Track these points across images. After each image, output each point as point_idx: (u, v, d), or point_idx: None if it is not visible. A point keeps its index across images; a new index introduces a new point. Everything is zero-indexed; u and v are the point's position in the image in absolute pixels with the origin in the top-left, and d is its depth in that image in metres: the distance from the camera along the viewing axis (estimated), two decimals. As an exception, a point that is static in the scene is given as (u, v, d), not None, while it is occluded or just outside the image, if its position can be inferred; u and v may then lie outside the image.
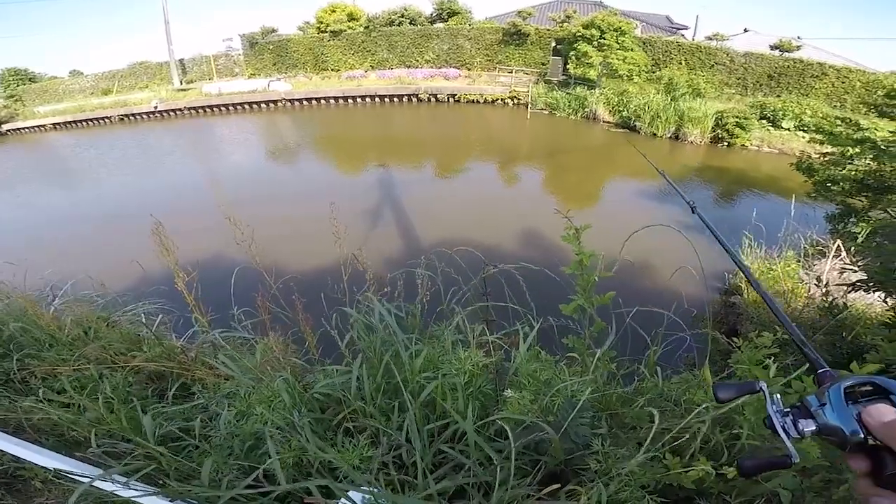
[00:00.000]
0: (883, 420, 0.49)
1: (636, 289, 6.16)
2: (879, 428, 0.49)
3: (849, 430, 0.51)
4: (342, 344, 1.86)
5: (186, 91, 26.04)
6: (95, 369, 2.28)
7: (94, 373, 2.24)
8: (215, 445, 1.72)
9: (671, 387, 1.66)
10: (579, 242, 1.63)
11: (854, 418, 0.51)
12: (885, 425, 0.49)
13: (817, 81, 20.52)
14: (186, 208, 11.37)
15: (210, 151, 18.55)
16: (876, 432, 0.49)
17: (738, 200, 12.83)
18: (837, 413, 0.53)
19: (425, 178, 14.55)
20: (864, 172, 7.59)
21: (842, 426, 0.52)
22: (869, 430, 0.50)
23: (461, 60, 26.59)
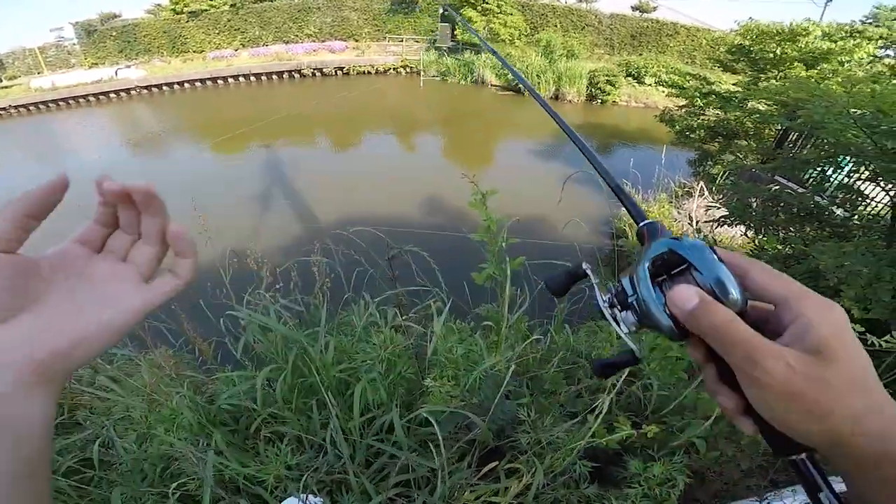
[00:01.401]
0: (686, 308, 0.40)
1: (537, 247, 6.46)
2: (685, 318, 0.40)
3: (664, 324, 0.41)
4: (237, 350, 1.69)
5: (8, 88, 21.48)
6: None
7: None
8: (122, 473, 1.52)
9: (579, 340, 1.74)
10: (486, 208, 1.60)
11: (663, 308, 0.41)
12: (688, 315, 0.39)
13: (671, 40, 22.71)
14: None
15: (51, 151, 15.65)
16: (687, 325, 0.40)
17: (615, 152, 13.94)
18: (651, 303, 0.42)
19: (317, 156, 13.83)
20: (715, 121, 8.60)
21: (659, 319, 0.42)
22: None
23: (348, 32, 25.34)
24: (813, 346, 0.37)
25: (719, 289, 0.39)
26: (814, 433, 0.37)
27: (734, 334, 0.38)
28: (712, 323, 0.39)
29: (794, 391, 0.36)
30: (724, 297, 0.39)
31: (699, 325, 0.39)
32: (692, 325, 0.40)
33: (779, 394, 0.37)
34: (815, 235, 3.83)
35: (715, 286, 0.40)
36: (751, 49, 9.31)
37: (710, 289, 0.40)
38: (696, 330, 0.40)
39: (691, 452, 1.50)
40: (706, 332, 0.39)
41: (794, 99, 4.11)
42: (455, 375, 1.40)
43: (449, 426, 1.25)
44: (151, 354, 1.82)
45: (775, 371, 0.36)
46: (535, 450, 1.27)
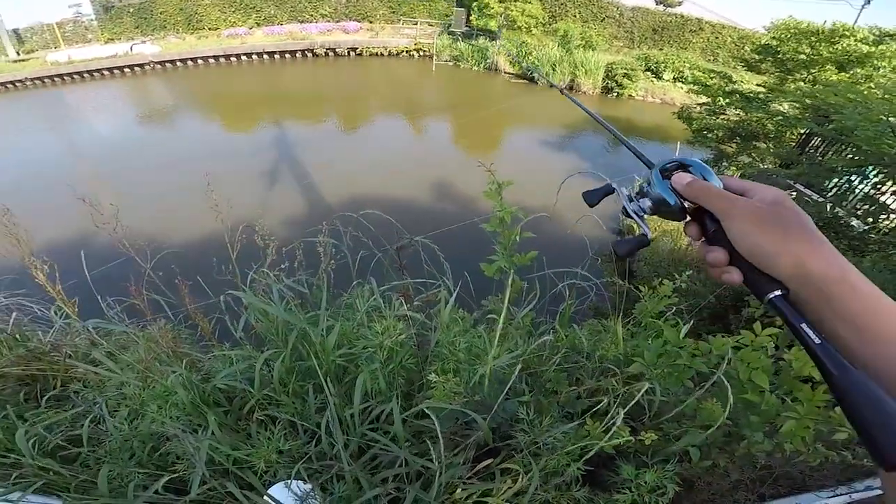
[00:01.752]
0: (683, 182, 0.60)
1: (543, 241, 6.41)
2: (683, 189, 0.60)
3: (670, 200, 0.62)
4: (237, 330, 1.65)
5: (26, 62, 21.36)
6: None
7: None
8: (111, 450, 1.49)
9: (582, 340, 1.69)
10: (501, 198, 1.55)
11: (669, 189, 0.62)
12: (686, 186, 0.60)
13: (695, 36, 22.26)
14: (40, 188, 9.73)
15: (66, 123, 15.61)
16: (682, 193, 0.60)
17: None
18: (659, 188, 0.64)
19: (327, 135, 13.75)
20: (735, 122, 8.43)
21: (665, 196, 0.63)
22: (681, 196, 0.61)
23: (362, 13, 25.04)
24: (768, 199, 0.54)
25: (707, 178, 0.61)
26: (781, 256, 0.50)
27: (718, 192, 0.57)
28: (702, 187, 0.59)
29: (762, 216, 0.52)
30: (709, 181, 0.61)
31: (693, 191, 0.60)
32: (688, 193, 0.60)
33: (750, 220, 0.53)
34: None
35: (704, 175, 0.61)
36: (779, 49, 9.06)
37: (701, 177, 0.61)
38: (690, 195, 0.60)
39: (684, 460, 1.47)
40: (698, 194, 0.59)
41: (826, 103, 3.97)
42: (457, 369, 1.36)
43: (449, 423, 1.21)
44: (149, 328, 1.79)
45: (746, 206, 0.54)
46: (531, 450, 1.24)
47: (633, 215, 0.68)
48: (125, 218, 1.86)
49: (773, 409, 1.46)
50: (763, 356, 1.48)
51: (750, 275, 0.54)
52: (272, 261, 1.76)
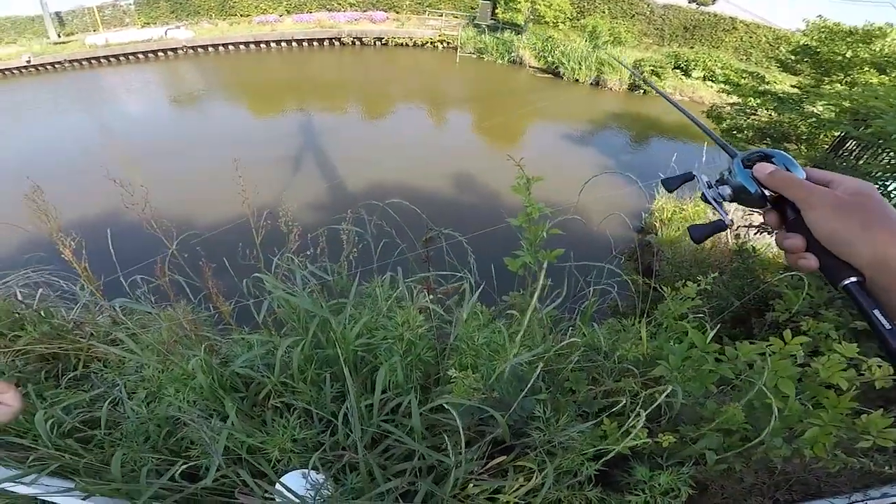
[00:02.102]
0: (766, 172, 0.62)
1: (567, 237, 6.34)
2: (765, 179, 0.62)
3: (751, 188, 0.64)
4: (259, 315, 1.66)
5: (66, 44, 21.95)
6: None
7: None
8: (127, 434, 1.51)
9: (601, 339, 1.66)
10: (529, 193, 1.53)
11: (751, 178, 0.64)
12: (769, 175, 0.62)
13: (728, 35, 21.66)
14: (73, 168, 9.97)
15: (100, 104, 16.02)
16: (764, 183, 0.62)
17: (653, 145, 13.51)
18: (741, 177, 0.65)
19: (351, 123, 13.80)
20: (766, 122, 8.18)
21: (746, 185, 0.65)
22: (762, 185, 0.63)
23: (389, 3, 25.01)
24: (851, 189, 0.55)
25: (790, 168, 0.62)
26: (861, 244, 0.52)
27: (799, 181, 0.59)
28: (784, 177, 0.61)
29: (842, 205, 0.53)
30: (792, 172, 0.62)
31: (774, 181, 0.61)
32: (770, 182, 0.62)
33: (830, 209, 0.54)
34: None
35: (786, 165, 0.63)
36: (817, 50, 8.74)
37: (783, 167, 0.62)
38: (772, 184, 0.62)
39: (699, 463, 1.45)
40: (779, 184, 0.61)
41: (865, 106, 3.82)
42: (475, 364, 1.35)
43: (466, 418, 1.20)
44: (170, 310, 1.81)
45: (826, 195, 0.55)
46: (546, 448, 1.22)
47: (711, 201, 0.70)
48: (153, 199, 1.88)
49: (796, 415, 1.43)
50: (792, 364, 1.44)
51: (826, 261, 0.56)
52: (296, 246, 1.76)
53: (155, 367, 1.60)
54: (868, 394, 1.53)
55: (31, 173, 2.31)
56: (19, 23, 24.38)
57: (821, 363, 1.45)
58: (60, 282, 2.37)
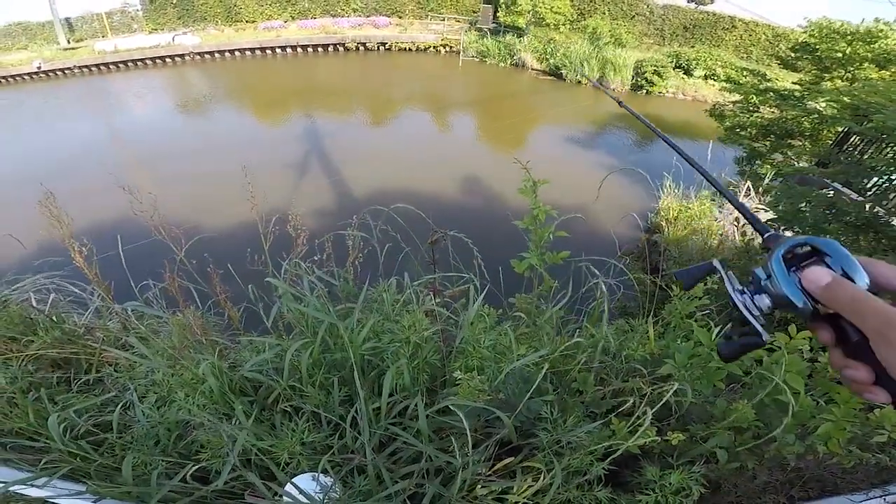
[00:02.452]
0: (820, 284, 0.47)
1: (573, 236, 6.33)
2: (820, 293, 0.47)
3: (798, 302, 0.49)
4: (268, 319, 1.68)
5: (75, 50, 22.20)
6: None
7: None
8: (137, 437, 1.53)
9: (609, 339, 1.67)
10: (536, 196, 1.54)
11: (798, 287, 0.49)
12: (824, 289, 0.47)
13: (727, 34, 21.65)
14: (82, 173, 10.08)
15: (109, 110, 16.22)
16: (819, 298, 0.48)
17: (657, 144, 13.47)
18: (784, 285, 0.51)
19: (356, 128, 13.87)
20: (769, 120, 8.17)
21: (791, 298, 0.50)
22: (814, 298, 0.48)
23: (392, 8, 25.20)
24: None
25: (850, 272, 0.47)
26: None
27: (870, 304, 0.43)
28: (847, 295, 0.45)
29: None
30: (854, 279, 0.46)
31: (834, 298, 0.46)
32: (827, 299, 0.46)
33: None
34: (870, 248, 3.60)
35: (847, 270, 0.47)
36: (817, 47, 8.75)
37: (842, 272, 0.47)
38: (831, 303, 0.46)
39: (710, 461, 1.45)
40: (842, 304, 0.46)
41: (866, 102, 3.83)
42: (481, 366, 1.36)
43: (472, 420, 1.20)
44: (182, 315, 1.83)
45: None
46: (554, 449, 1.22)
47: (742, 310, 0.54)
48: (161, 204, 1.91)
49: (808, 411, 1.42)
50: (798, 359, 1.44)
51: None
52: (304, 252, 1.78)
53: (165, 371, 1.62)
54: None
55: (43, 178, 2.34)
56: (30, 28, 24.72)
57: (827, 357, 1.44)
58: (72, 287, 2.40)
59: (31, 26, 24.80)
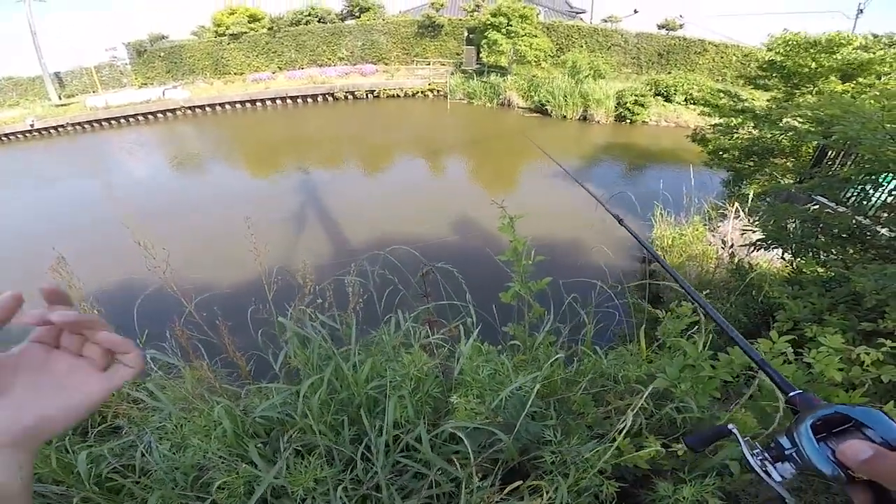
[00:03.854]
0: (859, 459, 0.46)
1: (565, 269, 6.41)
2: (858, 467, 0.46)
3: (829, 472, 0.47)
4: (276, 364, 1.75)
5: (67, 106, 22.78)
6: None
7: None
8: (156, 480, 1.59)
9: (608, 363, 1.73)
10: (514, 230, 1.65)
11: (830, 459, 0.48)
12: (864, 463, 0.45)
13: (700, 57, 22.47)
14: (83, 229, 10.28)
15: (105, 168, 16.58)
16: (857, 471, 0.46)
17: (645, 173, 13.78)
18: (813, 455, 0.49)
19: (350, 178, 14.17)
20: (749, 140, 8.39)
21: (821, 468, 0.48)
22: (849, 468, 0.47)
23: (377, 55, 26.16)
24: None
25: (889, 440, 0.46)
26: None
27: None
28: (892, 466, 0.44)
29: None
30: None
31: (878, 471, 0.45)
32: (868, 473, 0.45)
33: None
34: (858, 257, 3.68)
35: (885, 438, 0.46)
36: (783, 64, 9.08)
37: (882, 441, 0.46)
38: (872, 475, 0.45)
39: (724, 475, 1.47)
40: (886, 477, 0.45)
41: (828, 115, 4.01)
42: (481, 394, 1.42)
43: (474, 442, 1.26)
44: (191, 366, 1.90)
45: None
46: (559, 469, 1.27)
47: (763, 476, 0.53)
48: (158, 261, 2.00)
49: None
50: (783, 362, 1.50)
51: None
52: (307, 300, 1.87)
53: (178, 418, 1.68)
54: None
55: (47, 238, 2.42)
56: (20, 84, 25.33)
57: (813, 357, 1.50)
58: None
59: (21, 81, 25.27)
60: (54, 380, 0.49)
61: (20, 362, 0.49)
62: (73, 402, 0.49)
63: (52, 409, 0.47)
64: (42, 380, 0.49)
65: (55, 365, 0.50)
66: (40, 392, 0.48)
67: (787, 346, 1.51)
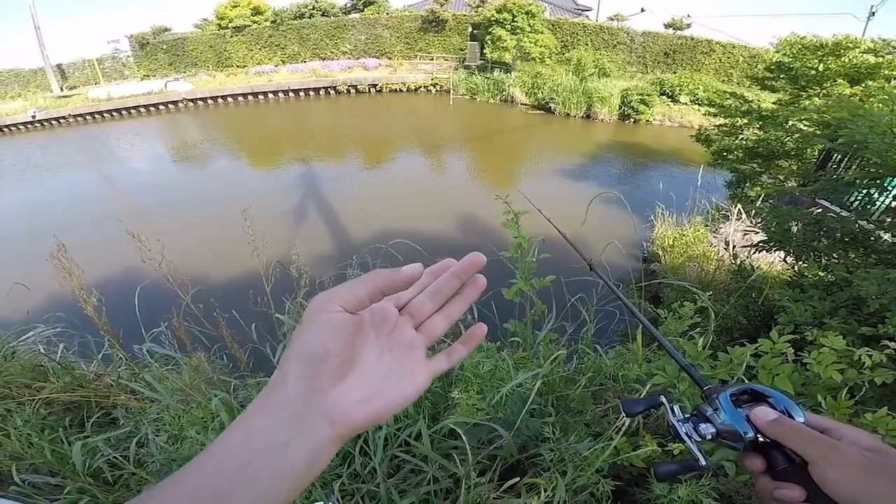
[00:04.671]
0: (768, 419, 0.56)
1: (566, 266, 6.39)
2: (766, 426, 0.56)
3: (742, 430, 0.57)
4: (275, 357, 1.74)
5: (69, 98, 22.67)
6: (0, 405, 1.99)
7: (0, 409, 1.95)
8: (152, 472, 1.57)
9: (608, 363, 1.73)
10: (518, 226, 1.63)
11: (744, 419, 0.58)
12: (771, 423, 0.56)
13: (706, 57, 22.34)
14: (83, 222, 10.25)
15: (107, 159, 16.51)
16: (764, 430, 0.56)
17: (648, 173, 13.74)
18: (730, 416, 0.59)
19: (352, 171, 14.14)
20: (754, 142, 8.35)
21: (736, 427, 0.58)
22: (758, 430, 0.56)
23: (381, 50, 26.08)
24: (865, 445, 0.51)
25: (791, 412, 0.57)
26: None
27: (811, 434, 0.53)
28: (793, 429, 0.54)
29: (874, 468, 0.48)
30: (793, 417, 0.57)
31: (781, 431, 0.55)
32: (773, 432, 0.55)
33: (860, 472, 0.48)
34: (860, 262, 3.66)
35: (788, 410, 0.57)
36: (791, 66, 9.01)
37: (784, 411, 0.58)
38: (776, 435, 0.55)
39: (719, 476, 1.47)
40: (786, 436, 0.55)
41: (835, 118, 3.98)
42: (481, 390, 1.41)
43: (474, 438, 1.26)
44: (189, 358, 1.89)
45: (853, 455, 0.49)
46: (558, 467, 1.26)
47: (685, 438, 0.63)
48: (164, 252, 1.99)
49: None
50: (783, 362, 1.49)
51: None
52: (306, 292, 1.85)
53: (176, 409, 1.67)
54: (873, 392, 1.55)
55: (49, 230, 2.42)
56: (22, 75, 25.26)
57: (812, 359, 1.49)
58: (79, 336, 2.46)
59: (24, 73, 25.20)
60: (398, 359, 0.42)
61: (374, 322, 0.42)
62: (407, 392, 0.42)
63: (398, 398, 0.40)
64: (387, 356, 0.42)
65: (400, 336, 0.44)
66: (386, 374, 0.41)
67: (787, 347, 1.50)
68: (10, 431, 1.70)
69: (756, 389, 0.61)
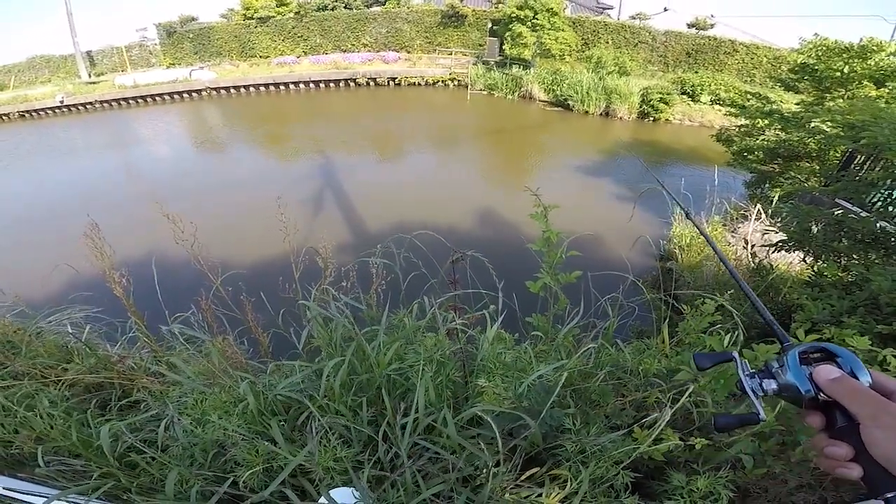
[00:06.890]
0: (829, 377, 0.58)
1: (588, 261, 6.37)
2: (826, 384, 0.58)
3: (803, 388, 0.59)
4: (300, 342, 1.77)
5: (96, 84, 23.24)
6: (28, 385, 2.05)
7: (27, 389, 2.01)
8: (174, 456, 1.60)
9: (628, 357, 1.73)
10: (546, 220, 1.64)
11: (807, 378, 0.60)
12: (832, 381, 0.57)
13: (729, 58, 21.96)
14: (108, 206, 10.47)
15: (132, 144, 16.82)
16: (824, 388, 0.58)
17: (667, 171, 13.57)
18: (793, 373, 0.61)
19: (372, 163, 14.23)
20: (775, 142, 8.24)
21: (797, 384, 0.60)
22: (819, 387, 0.58)
23: (400, 43, 26.15)
24: None
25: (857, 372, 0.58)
26: None
27: (868, 393, 0.55)
28: (851, 386, 0.56)
29: None
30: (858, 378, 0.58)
31: (839, 389, 0.57)
32: (832, 389, 0.57)
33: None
34: (880, 262, 3.61)
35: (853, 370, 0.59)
36: (816, 68, 8.85)
37: (850, 371, 0.59)
38: (835, 393, 0.57)
39: (737, 468, 1.48)
40: (844, 393, 0.57)
41: (858, 120, 3.93)
42: (504, 380, 1.43)
43: (499, 426, 1.28)
44: (218, 341, 1.93)
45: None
46: (578, 458, 1.28)
47: (749, 392, 0.65)
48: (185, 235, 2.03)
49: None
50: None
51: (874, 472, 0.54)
52: (331, 280, 1.89)
53: (199, 392, 1.71)
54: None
55: (75, 211, 2.48)
56: (52, 61, 26.02)
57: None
58: (106, 317, 2.52)
59: (54, 59, 26.03)
60: None
61: None
62: None
63: None
64: None
65: None
66: None
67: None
68: (37, 412, 1.74)
69: (828, 348, 0.62)
